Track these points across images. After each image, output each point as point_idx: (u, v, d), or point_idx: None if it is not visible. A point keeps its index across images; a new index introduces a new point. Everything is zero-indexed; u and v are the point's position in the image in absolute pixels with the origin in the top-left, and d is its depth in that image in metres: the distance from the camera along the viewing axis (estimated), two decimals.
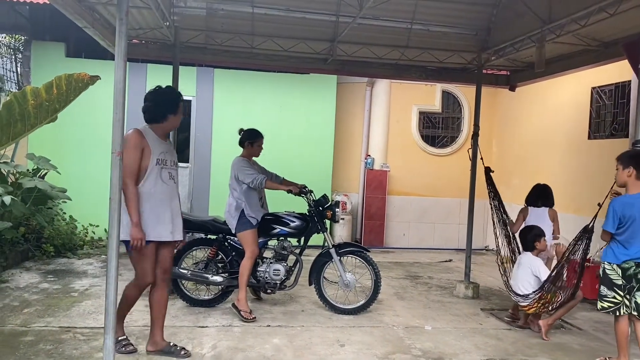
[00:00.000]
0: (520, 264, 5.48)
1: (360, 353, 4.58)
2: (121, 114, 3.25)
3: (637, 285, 4.22)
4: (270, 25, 6.74)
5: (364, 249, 5.89)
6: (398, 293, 6.81)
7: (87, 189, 8.83)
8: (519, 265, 5.50)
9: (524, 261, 5.45)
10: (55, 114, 2.90)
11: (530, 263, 5.38)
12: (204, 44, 7.20)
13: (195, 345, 4.51)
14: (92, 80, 2.88)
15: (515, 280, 5.50)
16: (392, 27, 6.61)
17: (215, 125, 9.50)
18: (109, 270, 3.54)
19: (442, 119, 10.82)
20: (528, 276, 5.35)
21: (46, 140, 8.53)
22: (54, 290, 6.01)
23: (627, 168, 4.24)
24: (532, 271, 5.33)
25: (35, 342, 4.39)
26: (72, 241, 8.22)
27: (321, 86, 9.75)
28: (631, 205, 4.20)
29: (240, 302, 5.34)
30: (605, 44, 6.13)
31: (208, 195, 9.47)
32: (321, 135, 9.80)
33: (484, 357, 4.63)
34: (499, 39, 6.61)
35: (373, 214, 10.28)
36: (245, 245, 5.44)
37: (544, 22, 5.61)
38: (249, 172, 5.45)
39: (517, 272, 5.49)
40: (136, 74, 9.12)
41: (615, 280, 4.27)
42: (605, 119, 7.66)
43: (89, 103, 8.53)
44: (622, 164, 4.28)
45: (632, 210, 4.18)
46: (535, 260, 5.39)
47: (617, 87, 7.39)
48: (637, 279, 4.22)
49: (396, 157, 10.50)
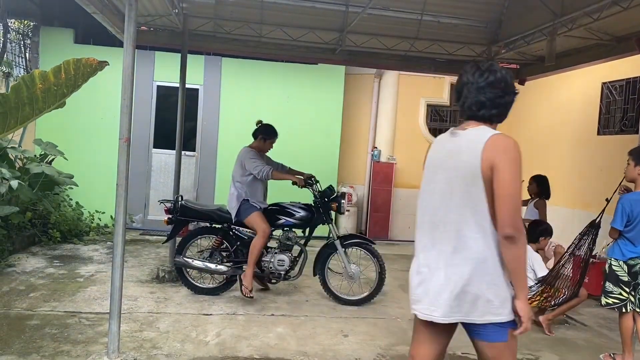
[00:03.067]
0: None
1: (363, 344, 4.58)
2: (129, 100, 3.25)
3: None
4: (280, 14, 6.70)
5: (369, 241, 5.87)
6: (402, 285, 6.80)
7: (94, 175, 8.86)
8: None
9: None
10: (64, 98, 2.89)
11: (529, 256, 5.37)
12: (213, 32, 7.17)
13: (200, 333, 4.53)
14: (100, 65, 2.86)
15: None
16: (402, 17, 6.57)
17: (222, 115, 9.49)
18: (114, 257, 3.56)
19: (450, 112, 10.75)
20: (528, 270, 5.33)
21: (54, 126, 8.55)
22: (60, 275, 6.04)
23: (639, 165, 4.20)
24: (529, 265, 5.33)
25: (40, 326, 4.42)
26: (78, 227, 8.25)
27: (329, 77, 9.70)
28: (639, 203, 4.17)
29: (246, 277, 5.39)
30: (617, 38, 6.06)
31: (214, 184, 9.48)
32: (328, 126, 9.76)
33: None
34: (510, 32, 6.55)
35: (379, 206, 10.26)
36: (255, 227, 5.47)
37: (555, 15, 5.55)
38: (256, 162, 5.44)
39: None
40: (144, 62, 9.11)
41: (622, 276, 4.25)
42: (615, 115, 7.59)
43: (96, 90, 8.55)
44: (634, 159, 4.23)
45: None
46: (535, 255, 5.38)
47: (628, 83, 7.31)
48: None
49: (403, 150, 10.46)
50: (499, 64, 2.52)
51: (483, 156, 2.28)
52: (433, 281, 2.38)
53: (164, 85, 9.29)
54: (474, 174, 2.30)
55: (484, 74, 2.40)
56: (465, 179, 2.33)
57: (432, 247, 2.43)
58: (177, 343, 4.28)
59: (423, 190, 2.54)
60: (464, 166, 2.34)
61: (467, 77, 2.45)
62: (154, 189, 9.39)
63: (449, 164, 2.42)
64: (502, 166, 2.25)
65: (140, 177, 9.22)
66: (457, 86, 2.54)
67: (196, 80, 9.26)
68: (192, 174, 9.49)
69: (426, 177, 2.54)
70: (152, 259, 7.19)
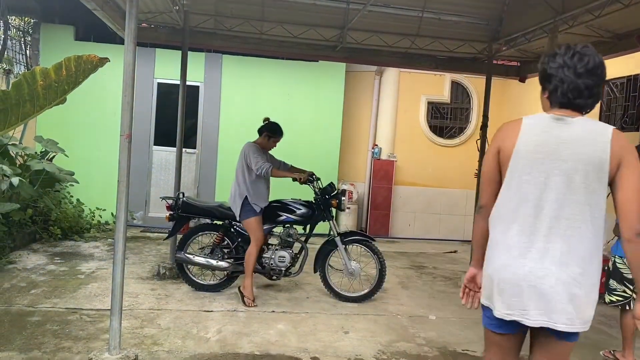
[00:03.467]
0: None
1: (364, 340, 4.59)
2: (130, 97, 3.25)
3: None
4: (280, 11, 6.70)
5: (370, 237, 5.87)
6: (403, 282, 6.82)
7: (95, 172, 8.87)
8: None
9: None
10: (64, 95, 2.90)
11: None
12: (213, 29, 7.17)
13: (200, 330, 4.54)
14: (101, 62, 2.87)
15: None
16: (403, 15, 6.56)
17: (223, 112, 9.49)
18: (115, 253, 3.56)
19: (451, 109, 10.75)
20: None
21: (54, 123, 8.55)
22: (61, 272, 6.05)
23: None
24: None
25: (42, 323, 4.43)
26: (79, 224, 8.26)
27: (330, 74, 9.70)
28: None
29: (246, 288, 5.36)
30: (618, 35, 6.06)
31: (215, 181, 9.49)
32: (329, 123, 9.76)
33: None
34: (511, 29, 6.55)
35: (379, 203, 10.26)
36: (250, 232, 5.45)
37: (557, 12, 5.54)
38: (257, 158, 5.42)
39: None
40: (145, 59, 9.11)
41: (626, 274, 4.24)
42: (615, 112, 7.58)
43: (97, 87, 8.56)
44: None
45: None
46: None
47: (629, 80, 7.31)
48: None
49: (403, 147, 10.46)
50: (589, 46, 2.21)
51: (612, 151, 2.11)
52: (545, 284, 2.14)
53: (165, 82, 9.29)
54: (601, 168, 2.12)
55: (584, 58, 2.18)
56: (590, 172, 2.13)
57: (534, 244, 2.17)
58: (178, 339, 4.29)
59: (520, 179, 2.22)
60: (588, 159, 2.13)
61: (562, 59, 2.21)
62: (154, 186, 9.39)
63: (563, 154, 2.16)
64: (631, 163, 2.11)
65: (141, 175, 9.23)
66: (545, 69, 2.29)
67: (197, 78, 9.26)
68: (193, 171, 9.49)
69: (524, 165, 2.22)
70: (153, 256, 7.20)
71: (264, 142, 5.63)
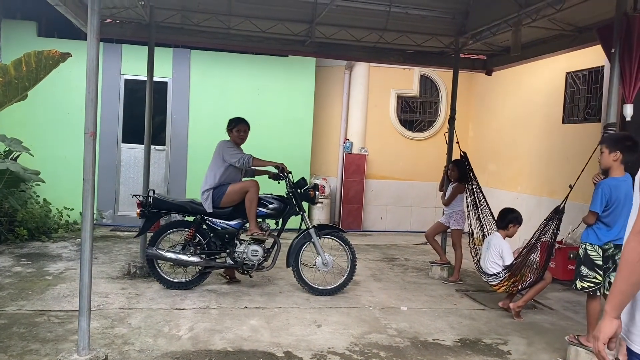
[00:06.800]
0: (490, 245, 5.60)
1: (336, 333, 4.63)
2: (94, 94, 3.19)
3: (613, 267, 4.32)
4: (248, 5, 6.66)
5: (341, 229, 5.95)
6: (375, 275, 6.88)
7: (62, 171, 8.69)
8: (488, 246, 5.61)
9: (494, 242, 5.56)
10: (25, 92, 2.84)
11: (498, 244, 5.50)
12: (180, 24, 7.08)
13: (172, 328, 4.51)
14: (63, 57, 2.82)
15: (484, 261, 5.62)
16: (371, 9, 6.58)
17: (192, 108, 9.39)
18: (82, 252, 3.52)
19: (420, 103, 10.86)
20: (496, 257, 5.48)
21: (18, 121, 8.35)
22: (28, 274, 5.92)
23: (613, 152, 4.22)
24: (498, 252, 5.47)
25: (8, 325, 4.33)
26: (46, 224, 8.09)
27: (300, 69, 9.68)
28: (617, 188, 4.24)
29: (252, 228, 5.54)
30: (579, 28, 6.20)
31: (185, 178, 9.40)
32: (300, 118, 9.76)
33: (457, 337, 4.72)
34: (476, 23, 6.64)
35: (351, 197, 10.33)
36: (239, 191, 5.56)
37: (520, 6, 5.64)
38: (234, 152, 5.54)
39: (487, 252, 5.61)
40: (111, 55, 8.95)
41: (597, 260, 4.35)
42: (579, 104, 7.78)
43: (63, 83, 8.38)
44: (608, 147, 4.23)
45: (618, 193, 4.23)
46: (504, 243, 5.51)
47: (591, 72, 7.50)
48: (613, 260, 4.32)
49: (374, 141, 10.53)
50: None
51: None
52: None
53: (132, 78, 9.15)
54: None
55: None
56: None
57: None
58: (150, 338, 4.25)
59: None
60: None
61: None
62: (123, 184, 9.25)
63: None
64: None
65: (109, 173, 9.08)
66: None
67: (165, 74, 9.15)
68: (163, 168, 9.38)
69: None
70: (123, 255, 7.10)
71: (234, 137, 5.74)
